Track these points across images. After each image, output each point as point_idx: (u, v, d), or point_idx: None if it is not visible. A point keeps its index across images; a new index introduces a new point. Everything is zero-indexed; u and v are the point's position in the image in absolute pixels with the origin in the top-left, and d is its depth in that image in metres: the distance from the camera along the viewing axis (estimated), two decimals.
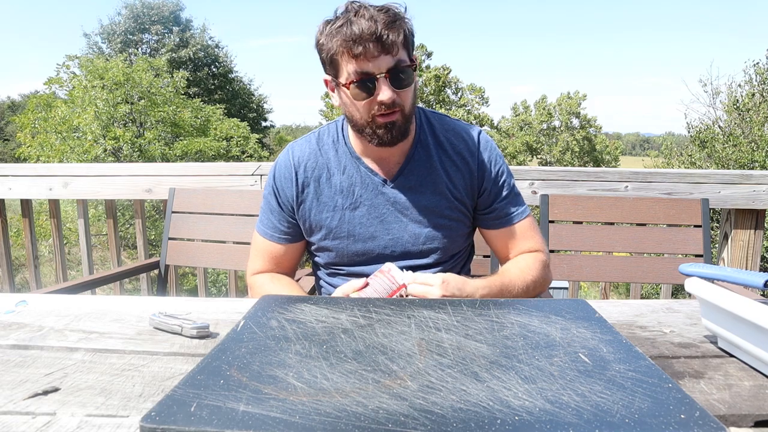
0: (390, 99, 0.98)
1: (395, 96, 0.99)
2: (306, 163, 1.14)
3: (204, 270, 2.17)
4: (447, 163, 1.14)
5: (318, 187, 1.14)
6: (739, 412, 0.54)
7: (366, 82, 0.98)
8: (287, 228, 1.18)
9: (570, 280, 1.80)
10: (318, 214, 1.14)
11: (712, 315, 0.71)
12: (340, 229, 1.13)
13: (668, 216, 1.69)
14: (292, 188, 1.15)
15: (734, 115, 12.24)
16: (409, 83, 1.01)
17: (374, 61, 0.96)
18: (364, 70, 0.97)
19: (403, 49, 1.00)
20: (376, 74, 0.97)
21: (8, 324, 0.83)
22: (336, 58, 0.99)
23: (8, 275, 2.36)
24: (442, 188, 1.13)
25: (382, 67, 0.97)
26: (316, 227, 1.15)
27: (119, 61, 15.70)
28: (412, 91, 1.04)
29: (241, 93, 28.81)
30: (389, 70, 0.97)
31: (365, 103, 1.00)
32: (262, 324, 0.72)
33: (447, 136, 1.15)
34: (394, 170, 1.13)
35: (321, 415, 0.48)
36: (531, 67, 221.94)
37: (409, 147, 1.13)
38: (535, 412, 0.48)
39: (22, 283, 5.91)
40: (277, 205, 1.17)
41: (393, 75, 0.98)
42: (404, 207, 1.13)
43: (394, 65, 0.97)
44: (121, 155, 15.22)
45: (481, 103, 31.30)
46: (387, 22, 0.95)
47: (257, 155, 20.09)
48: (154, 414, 0.48)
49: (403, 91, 1.01)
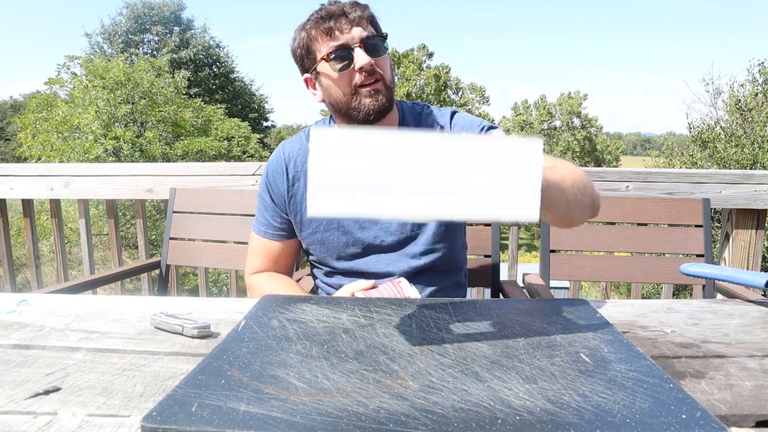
0: (368, 63, 1.02)
1: (372, 62, 1.03)
2: (296, 158, 1.17)
3: (205, 270, 2.17)
4: None
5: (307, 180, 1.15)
6: (741, 412, 0.54)
7: (343, 54, 1.03)
8: (281, 224, 1.20)
9: (571, 280, 1.80)
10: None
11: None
12: (331, 222, 1.15)
13: (669, 216, 1.69)
14: (283, 182, 1.18)
15: (736, 115, 12.22)
16: (383, 52, 1.06)
17: (347, 34, 1.03)
18: (338, 43, 1.03)
19: (370, 26, 1.06)
20: (351, 45, 1.02)
21: (9, 324, 0.83)
22: (311, 45, 1.06)
23: (9, 275, 2.36)
24: None
25: (355, 38, 1.02)
26: (308, 220, 1.17)
27: (120, 61, 15.72)
28: (388, 62, 1.08)
29: (242, 93, 28.83)
30: (362, 40, 1.03)
31: (346, 74, 1.04)
32: (263, 324, 0.72)
33: (427, 122, 1.18)
34: None
35: (322, 415, 0.48)
36: (535, 67, 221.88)
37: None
38: (536, 412, 0.48)
39: (23, 282, 5.91)
40: (270, 201, 1.20)
41: (367, 44, 1.03)
42: None
43: (366, 36, 1.03)
44: (122, 155, 15.24)
45: (482, 102, 31.27)
46: (351, 3, 1.05)
47: (258, 155, 20.12)
48: (155, 414, 0.48)
49: (380, 59, 1.05)
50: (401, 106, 1.19)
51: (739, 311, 0.89)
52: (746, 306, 0.92)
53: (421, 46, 29.57)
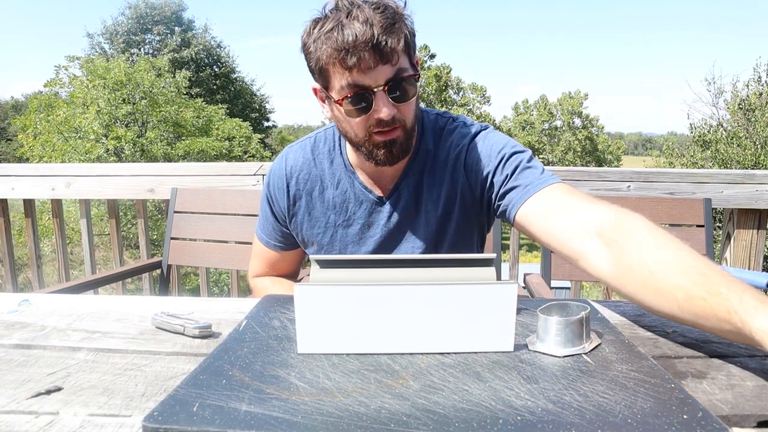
0: (389, 116, 0.86)
1: (395, 111, 0.87)
2: (299, 174, 1.06)
3: (206, 270, 2.17)
4: (446, 172, 1.01)
5: (310, 201, 1.07)
6: (742, 413, 0.54)
7: (361, 97, 0.85)
8: (282, 237, 1.14)
9: (572, 280, 1.80)
10: (309, 229, 1.08)
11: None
12: (332, 247, 1.07)
13: (670, 216, 1.69)
14: (284, 199, 1.08)
15: (739, 115, 12.19)
16: (411, 96, 0.88)
17: (370, 72, 0.83)
18: (358, 83, 0.84)
19: (404, 56, 0.86)
20: (373, 87, 0.84)
21: (11, 323, 0.83)
22: (326, 68, 0.86)
23: (11, 275, 2.36)
24: (442, 201, 1.02)
25: (379, 80, 0.84)
26: (309, 242, 1.10)
27: (121, 61, 15.73)
28: (414, 104, 0.91)
29: (243, 93, 28.85)
30: (388, 82, 0.85)
31: (361, 120, 0.88)
32: (264, 324, 0.72)
33: (446, 144, 1.02)
34: (389, 186, 1.03)
35: (323, 415, 0.48)
36: (536, 67, 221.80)
37: (408, 159, 1.01)
38: (537, 412, 0.48)
39: (24, 282, 5.92)
40: (271, 215, 1.12)
41: (392, 88, 0.85)
42: (399, 225, 1.04)
43: (393, 76, 0.85)
44: (123, 155, 15.26)
45: (483, 102, 31.25)
46: (385, 25, 0.81)
47: (259, 155, 20.14)
48: (156, 414, 0.48)
49: (404, 105, 0.88)
50: (423, 121, 1.03)
51: None
52: None
53: (422, 46, 29.58)
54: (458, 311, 0.62)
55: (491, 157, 0.98)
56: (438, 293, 0.61)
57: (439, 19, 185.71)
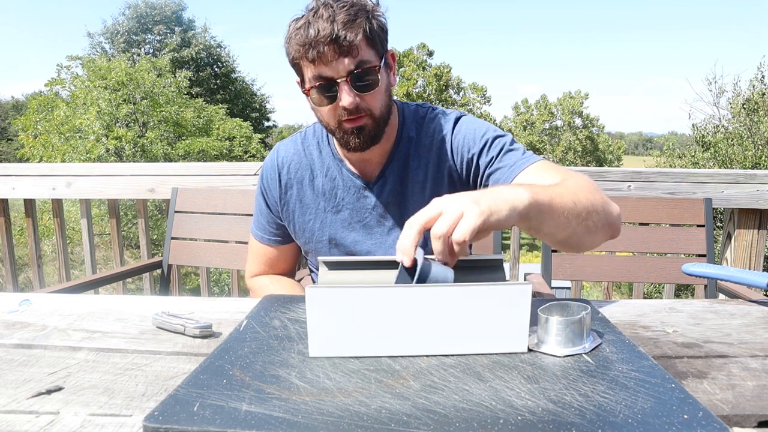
0: (352, 104, 0.92)
1: (358, 100, 0.93)
2: (290, 164, 1.12)
3: (206, 269, 2.17)
4: (431, 156, 1.07)
5: (301, 189, 1.11)
6: (743, 413, 0.54)
7: (327, 87, 0.92)
8: (276, 230, 1.17)
9: (572, 280, 1.80)
10: (301, 216, 1.12)
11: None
12: (322, 233, 1.11)
13: (671, 216, 1.69)
14: (276, 189, 1.13)
15: (742, 115, 12.15)
16: (373, 86, 0.94)
17: (331, 65, 0.90)
18: (323, 74, 0.91)
19: (367, 49, 0.92)
20: (336, 78, 0.91)
21: (12, 323, 0.83)
22: (297, 62, 0.95)
23: (12, 274, 2.37)
24: (427, 185, 1.07)
25: (341, 71, 0.90)
26: (300, 230, 1.13)
27: (122, 61, 15.74)
28: (381, 93, 0.97)
29: (244, 93, 28.85)
30: (349, 74, 0.91)
31: (328, 109, 0.95)
32: (264, 323, 0.72)
33: (429, 129, 1.08)
34: (376, 172, 1.08)
35: (324, 415, 0.48)
36: (538, 67, 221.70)
37: (391, 146, 1.07)
38: (537, 411, 0.48)
39: (25, 282, 5.92)
40: (265, 207, 1.16)
41: (354, 78, 0.91)
42: (386, 210, 1.08)
43: (354, 68, 0.90)
44: (123, 155, 15.26)
45: (483, 102, 31.25)
46: (346, 21, 0.88)
47: (260, 155, 20.12)
48: (157, 413, 0.48)
49: (368, 95, 0.94)
50: (403, 112, 1.10)
51: (741, 311, 0.89)
52: (748, 306, 0.92)
53: (420, 45, 29.59)
54: (473, 312, 0.61)
55: (475, 140, 1.05)
56: (453, 294, 0.61)
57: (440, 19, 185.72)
